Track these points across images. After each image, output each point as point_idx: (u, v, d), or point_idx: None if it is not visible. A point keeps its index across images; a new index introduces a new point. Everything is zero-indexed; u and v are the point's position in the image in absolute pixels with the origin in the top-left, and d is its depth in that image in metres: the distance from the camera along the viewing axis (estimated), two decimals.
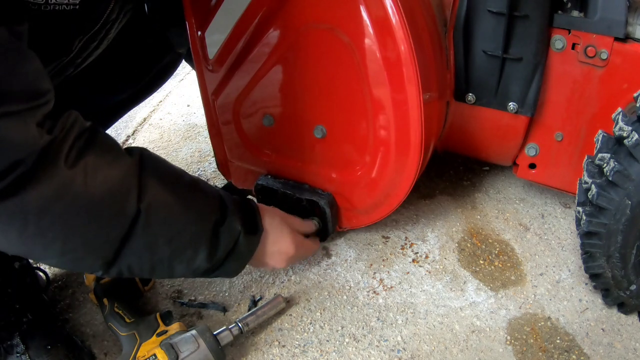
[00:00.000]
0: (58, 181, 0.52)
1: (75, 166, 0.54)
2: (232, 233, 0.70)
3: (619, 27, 0.80)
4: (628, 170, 0.71)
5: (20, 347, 0.77)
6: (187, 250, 0.66)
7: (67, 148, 0.54)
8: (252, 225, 0.75)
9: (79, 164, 0.54)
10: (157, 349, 0.75)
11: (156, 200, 0.61)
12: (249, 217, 0.76)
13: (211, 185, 0.74)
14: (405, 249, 1.04)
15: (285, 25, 0.83)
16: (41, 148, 0.50)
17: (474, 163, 1.28)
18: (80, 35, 0.70)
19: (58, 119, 0.55)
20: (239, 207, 0.74)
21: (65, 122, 0.55)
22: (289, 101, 0.91)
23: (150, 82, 1.12)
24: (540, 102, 0.93)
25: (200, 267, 0.69)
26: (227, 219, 0.70)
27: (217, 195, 0.72)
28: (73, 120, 0.56)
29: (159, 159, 0.67)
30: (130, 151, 0.63)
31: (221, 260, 0.71)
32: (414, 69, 0.76)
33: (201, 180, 0.72)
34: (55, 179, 0.52)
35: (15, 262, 0.83)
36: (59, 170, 0.52)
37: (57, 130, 0.53)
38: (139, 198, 0.59)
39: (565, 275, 0.97)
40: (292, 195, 0.96)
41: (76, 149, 0.55)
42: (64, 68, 0.74)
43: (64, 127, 0.55)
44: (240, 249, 0.72)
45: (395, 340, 0.86)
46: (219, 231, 0.68)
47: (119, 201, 0.57)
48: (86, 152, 0.56)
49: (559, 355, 0.83)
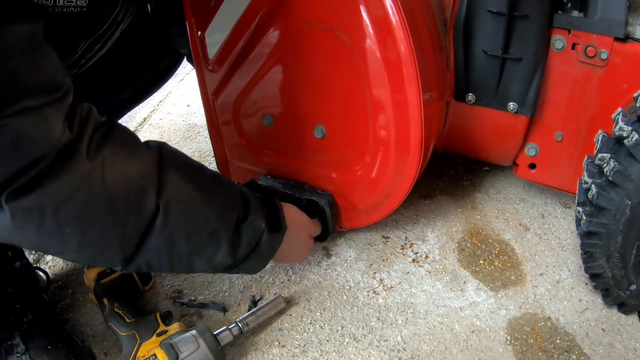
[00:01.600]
0: (76, 177, 0.51)
1: (93, 160, 0.53)
2: (255, 231, 0.68)
3: (619, 27, 0.80)
4: (628, 170, 0.71)
5: (21, 347, 0.77)
6: (208, 247, 0.64)
7: (87, 142, 0.53)
8: (275, 223, 0.73)
9: (97, 158, 0.53)
10: (157, 349, 0.75)
11: (176, 196, 0.59)
12: (273, 214, 0.74)
13: (233, 182, 0.72)
14: (405, 249, 1.04)
15: (285, 25, 0.83)
16: (62, 145, 0.50)
17: (474, 163, 1.28)
18: (86, 37, 0.70)
19: (75, 113, 0.54)
20: (263, 205, 0.72)
21: (81, 115, 0.54)
22: (289, 101, 0.91)
23: (151, 82, 1.12)
24: (540, 102, 0.93)
25: (221, 264, 0.67)
26: (250, 216, 0.68)
27: (240, 191, 0.70)
28: (87, 113, 0.55)
29: (178, 154, 0.65)
30: (149, 145, 0.62)
31: (243, 258, 0.69)
32: (414, 69, 0.76)
33: (223, 176, 0.70)
34: (74, 175, 0.51)
35: (16, 262, 0.83)
36: (78, 166, 0.51)
37: (75, 125, 0.53)
38: (159, 194, 0.58)
39: (565, 275, 0.97)
40: (292, 195, 0.96)
41: (95, 142, 0.54)
42: (68, 69, 0.74)
43: (81, 121, 0.54)
44: (262, 247, 0.71)
45: (395, 340, 0.86)
46: (241, 228, 0.67)
47: (138, 197, 0.56)
48: (104, 146, 0.54)
49: (559, 355, 0.83)
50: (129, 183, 0.55)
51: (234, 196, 0.68)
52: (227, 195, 0.67)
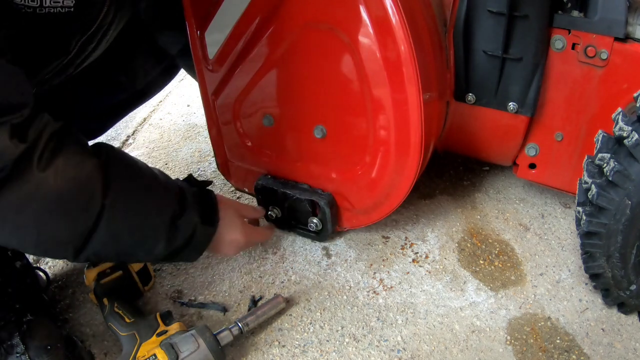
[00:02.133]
0: (32, 184, 0.58)
1: (46, 169, 0.59)
2: (189, 224, 0.75)
3: (619, 27, 0.80)
4: (628, 170, 0.71)
5: (20, 347, 0.77)
6: (148, 240, 0.72)
7: (39, 153, 0.59)
8: (209, 217, 0.80)
9: (50, 167, 0.60)
10: (157, 349, 0.75)
11: (119, 196, 0.67)
12: (207, 208, 0.81)
13: (172, 179, 0.79)
14: (405, 249, 1.04)
15: (285, 25, 0.83)
16: (17, 156, 0.56)
17: (474, 163, 1.28)
18: (77, 36, 0.71)
19: (31, 124, 0.59)
20: (198, 200, 0.79)
21: (37, 126, 0.60)
22: (289, 101, 0.91)
23: (151, 84, 1.12)
24: (540, 102, 0.93)
25: (160, 255, 0.74)
26: (186, 211, 0.75)
27: (177, 188, 0.77)
28: (45, 124, 0.61)
29: (123, 157, 0.72)
30: (99, 149, 0.69)
31: (180, 249, 0.76)
32: (414, 69, 0.76)
33: (162, 175, 0.77)
34: (30, 182, 0.58)
35: (16, 262, 0.83)
36: (33, 174, 0.58)
37: (30, 136, 0.58)
38: (104, 195, 0.65)
39: (565, 275, 0.97)
40: (291, 195, 0.96)
41: (47, 153, 0.60)
42: (65, 68, 0.76)
43: (37, 131, 0.59)
44: (197, 239, 0.77)
45: (395, 340, 0.86)
46: (177, 223, 0.74)
47: (86, 198, 0.63)
48: (56, 155, 0.61)
49: (559, 355, 0.83)
50: (78, 187, 0.62)
51: (172, 194, 0.75)
52: (165, 193, 0.75)
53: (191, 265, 1.00)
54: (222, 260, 1.01)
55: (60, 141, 0.62)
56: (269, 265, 1.00)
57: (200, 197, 0.81)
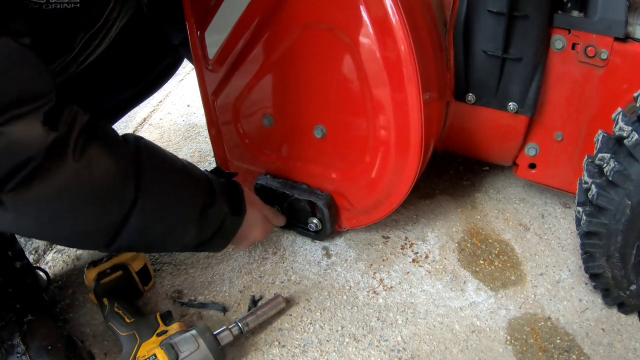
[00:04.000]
0: (67, 174, 0.57)
1: (81, 159, 0.59)
2: (219, 214, 0.77)
3: (619, 27, 0.80)
4: (628, 170, 0.71)
5: (21, 347, 0.77)
6: (179, 229, 0.73)
7: (73, 142, 0.58)
8: (237, 207, 0.82)
9: (84, 157, 0.59)
10: (157, 349, 0.75)
11: (151, 186, 0.67)
12: (235, 199, 0.82)
13: (201, 170, 0.79)
14: (405, 249, 1.04)
15: (285, 25, 0.83)
16: (48, 144, 0.55)
17: (474, 163, 1.28)
18: (82, 32, 0.71)
19: (61, 114, 0.58)
20: (226, 191, 0.80)
21: (67, 117, 0.59)
22: (289, 101, 0.91)
23: (152, 82, 1.12)
24: (540, 102, 0.93)
25: (189, 244, 0.76)
26: (216, 201, 0.76)
27: (206, 179, 0.78)
28: (74, 115, 0.60)
29: (154, 147, 0.72)
30: (127, 140, 0.68)
31: (208, 238, 0.77)
32: (414, 69, 0.76)
33: (192, 166, 0.78)
34: (65, 172, 0.57)
35: (16, 262, 0.83)
36: (68, 164, 0.57)
37: (61, 126, 0.57)
38: (137, 185, 0.65)
39: (565, 275, 0.97)
40: (290, 195, 0.97)
41: (81, 142, 0.59)
42: (67, 66, 0.75)
43: (67, 122, 0.59)
44: (226, 228, 0.79)
45: (395, 340, 0.86)
46: (208, 212, 0.75)
47: (120, 188, 0.63)
48: (89, 145, 0.60)
49: (559, 355, 0.83)
50: (112, 177, 0.62)
51: (202, 184, 0.76)
52: (195, 183, 0.75)
53: (191, 265, 1.00)
54: (222, 260, 1.01)
55: (92, 131, 0.62)
56: (269, 265, 1.00)
57: (228, 188, 0.82)
